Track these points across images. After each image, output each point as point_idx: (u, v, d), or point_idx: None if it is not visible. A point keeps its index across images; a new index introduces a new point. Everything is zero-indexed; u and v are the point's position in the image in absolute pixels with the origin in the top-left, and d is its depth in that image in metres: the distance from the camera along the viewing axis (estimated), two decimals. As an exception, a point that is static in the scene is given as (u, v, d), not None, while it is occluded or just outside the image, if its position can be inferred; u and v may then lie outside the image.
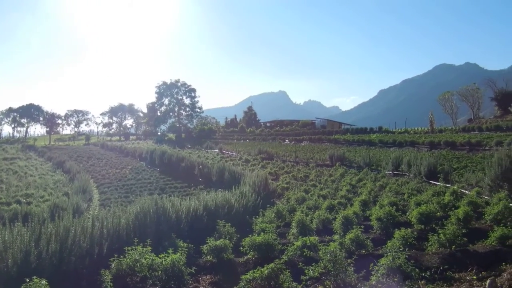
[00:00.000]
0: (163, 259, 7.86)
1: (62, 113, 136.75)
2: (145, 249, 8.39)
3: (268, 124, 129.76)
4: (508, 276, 6.65)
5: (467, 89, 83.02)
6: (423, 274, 7.50)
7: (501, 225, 10.54)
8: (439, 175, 24.22)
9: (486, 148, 37.38)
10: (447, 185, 20.75)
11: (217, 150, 64.50)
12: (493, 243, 9.43)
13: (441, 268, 7.99)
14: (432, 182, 23.74)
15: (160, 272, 7.70)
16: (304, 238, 9.72)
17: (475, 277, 7.35)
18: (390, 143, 54.59)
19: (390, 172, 30.98)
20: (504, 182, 16.13)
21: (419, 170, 26.33)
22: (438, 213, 13.17)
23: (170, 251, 8.22)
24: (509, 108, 69.68)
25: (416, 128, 78.12)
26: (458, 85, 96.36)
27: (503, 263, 8.05)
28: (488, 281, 6.41)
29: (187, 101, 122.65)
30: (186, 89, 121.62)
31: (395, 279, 6.80)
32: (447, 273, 7.73)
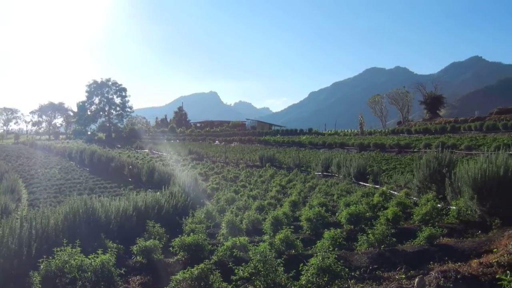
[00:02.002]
0: (93, 260, 7.72)
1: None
2: (74, 250, 8.20)
3: (198, 125, 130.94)
4: (436, 274, 6.82)
5: (397, 92, 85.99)
6: (353, 274, 7.61)
7: (429, 225, 10.88)
8: (368, 176, 24.85)
9: (415, 150, 38.79)
10: (376, 186, 21.32)
11: (147, 150, 64.89)
12: (421, 243, 9.71)
13: (371, 267, 8.14)
14: (362, 183, 24.33)
15: (89, 273, 7.56)
16: (234, 239, 9.69)
17: (403, 276, 7.52)
18: (320, 145, 55.73)
19: (320, 173, 31.56)
20: (432, 184, 16.68)
21: (349, 172, 26.91)
22: (367, 214, 13.42)
23: (99, 252, 8.07)
24: (437, 111, 72.81)
25: (346, 130, 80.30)
26: (388, 88, 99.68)
27: (431, 262, 8.29)
28: (416, 280, 6.55)
29: (117, 100, 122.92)
30: (117, 88, 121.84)
31: (325, 279, 6.87)
32: (376, 272, 7.89)
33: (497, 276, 6.54)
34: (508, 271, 6.40)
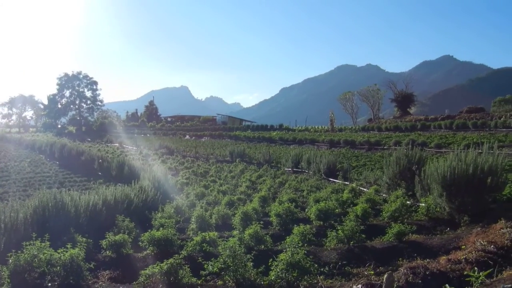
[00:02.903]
0: (62, 254, 7.66)
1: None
2: (43, 244, 8.10)
3: (169, 119, 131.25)
4: (405, 271, 6.88)
5: (368, 89, 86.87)
6: (322, 270, 7.64)
7: (398, 221, 11.05)
8: (338, 173, 25.04)
9: (385, 147, 39.29)
10: (346, 182, 21.52)
11: (117, 144, 64.80)
12: (390, 239, 9.82)
13: (340, 263, 8.20)
14: (332, 179, 24.52)
15: (58, 267, 7.51)
16: (203, 234, 9.77)
17: (372, 272, 7.59)
18: (291, 141, 56.00)
19: (290, 169, 31.72)
20: (401, 181, 16.88)
21: (319, 168, 27.08)
22: (337, 210, 13.52)
23: (69, 246, 8.02)
24: (408, 109, 73.72)
25: (316, 127, 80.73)
26: (360, 85, 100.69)
27: (400, 258, 8.41)
28: (385, 276, 6.58)
29: (88, 93, 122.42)
30: (88, 81, 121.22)
31: (294, 274, 6.88)
32: (346, 268, 7.96)
33: (465, 273, 6.63)
34: (476, 268, 6.50)
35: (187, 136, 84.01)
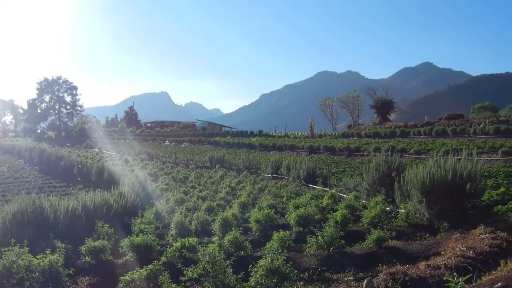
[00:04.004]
0: (41, 260, 7.66)
1: None
2: (22, 250, 8.09)
3: (149, 125, 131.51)
4: (385, 276, 6.94)
5: (348, 96, 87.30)
6: (302, 275, 7.70)
7: (378, 228, 11.13)
8: (318, 179, 25.10)
9: (365, 153, 39.44)
10: (326, 188, 21.59)
11: (97, 150, 65.12)
12: (370, 245, 9.90)
13: (319, 269, 8.25)
14: (311, 185, 24.57)
15: (37, 273, 7.51)
16: (183, 240, 9.79)
17: (352, 278, 7.64)
18: (270, 147, 56.03)
19: (270, 175, 31.75)
20: (381, 187, 16.99)
21: (298, 174, 27.13)
22: (317, 216, 13.56)
23: (48, 252, 8.01)
24: (387, 116, 74.24)
25: (296, 133, 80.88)
26: (340, 92, 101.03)
27: (380, 264, 8.48)
28: (365, 282, 6.64)
29: (68, 98, 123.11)
30: (68, 86, 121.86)
31: (273, 281, 6.90)
32: (325, 274, 8.00)
33: (444, 278, 6.71)
34: (455, 273, 6.58)
35: (167, 141, 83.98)
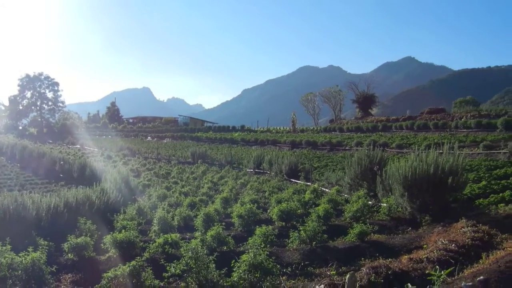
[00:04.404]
0: (23, 258, 7.64)
1: None
2: (4, 247, 8.10)
3: (131, 120, 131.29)
4: (367, 270, 6.96)
5: (330, 91, 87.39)
6: (285, 270, 7.71)
7: (360, 222, 11.18)
8: (300, 173, 25.19)
9: (347, 148, 39.64)
10: (308, 183, 21.66)
11: (79, 146, 64.99)
12: (352, 239, 9.94)
13: (302, 264, 8.25)
14: (293, 180, 24.64)
15: (20, 271, 7.48)
16: (165, 235, 9.77)
17: (335, 272, 7.64)
18: (252, 142, 56.09)
19: (252, 170, 31.79)
20: (363, 181, 17.10)
21: (281, 169, 27.18)
22: (299, 211, 13.59)
23: (30, 250, 7.97)
24: (369, 110, 74.61)
25: (278, 128, 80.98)
26: (322, 86, 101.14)
27: (362, 258, 8.51)
28: (347, 276, 6.64)
29: (49, 95, 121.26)
30: (49, 82, 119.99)
31: (256, 275, 6.89)
32: (308, 269, 8.01)
33: (427, 272, 6.75)
34: (437, 266, 6.60)
35: (149, 137, 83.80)
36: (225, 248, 9.56)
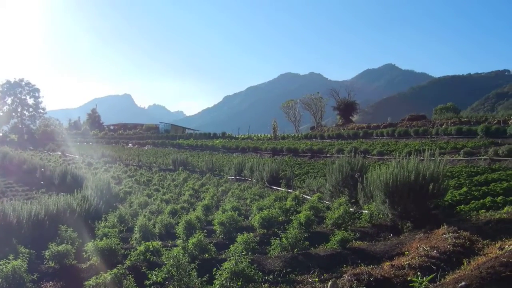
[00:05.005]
0: (4, 266, 7.60)
1: None
2: None
3: (112, 127, 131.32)
4: (349, 277, 6.99)
5: (311, 97, 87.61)
6: (267, 278, 7.71)
7: (342, 228, 11.24)
8: (281, 180, 25.22)
9: (328, 155, 39.74)
10: (289, 190, 21.68)
11: (59, 153, 64.96)
12: (334, 246, 9.97)
13: (284, 271, 8.26)
14: (275, 187, 24.67)
15: (0, 280, 7.45)
16: (147, 243, 9.75)
17: (317, 279, 7.66)
18: (234, 149, 56.12)
19: (233, 177, 31.76)
20: (344, 188, 17.18)
21: (262, 176, 27.20)
22: (280, 218, 13.61)
23: (11, 257, 7.94)
24: (350, 117, 75.02)
25: (259, 135, 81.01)
26: (303, 93, 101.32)
27: (344, 265, 8.54)
28: (329, 283, 6.67)
29: (30, 101, 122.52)
30: (30, 89, 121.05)
31: (238, 283, 6.92)
32: (290, 276, 8.02)
33: (409, 278, 6.80)
34: (419, 273, 6.67)
35: (130, 144, 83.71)
36: (206, 255, 9.54)
